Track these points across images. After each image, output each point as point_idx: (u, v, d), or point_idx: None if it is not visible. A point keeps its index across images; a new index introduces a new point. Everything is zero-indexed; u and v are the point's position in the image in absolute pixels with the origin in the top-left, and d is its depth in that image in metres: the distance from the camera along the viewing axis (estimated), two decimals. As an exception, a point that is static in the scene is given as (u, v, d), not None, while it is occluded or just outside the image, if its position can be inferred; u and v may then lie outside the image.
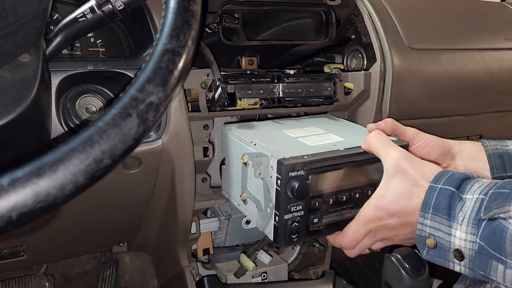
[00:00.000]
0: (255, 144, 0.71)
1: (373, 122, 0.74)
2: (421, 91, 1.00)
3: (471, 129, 1.15)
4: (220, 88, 0.79)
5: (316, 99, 0.92)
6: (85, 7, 0.60)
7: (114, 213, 0.90)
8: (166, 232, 0.96)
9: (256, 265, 0.97)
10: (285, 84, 0.87)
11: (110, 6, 0.59)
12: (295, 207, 0.64)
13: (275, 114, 1.04)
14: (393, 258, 0.61)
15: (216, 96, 0.79)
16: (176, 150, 0.79)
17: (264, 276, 1.04)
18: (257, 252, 0.99)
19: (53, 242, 0.93)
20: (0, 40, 0.51)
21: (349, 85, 0.95)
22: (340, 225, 0.68)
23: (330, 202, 0.66)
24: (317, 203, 0.65)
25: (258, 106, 0.86)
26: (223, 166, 0.84)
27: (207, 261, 1.07)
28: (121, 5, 0.59)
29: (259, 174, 0.66)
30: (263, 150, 0.68)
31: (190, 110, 0.81)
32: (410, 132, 0.73)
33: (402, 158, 0.61)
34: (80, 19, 0.61)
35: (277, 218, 0.65)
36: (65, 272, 1.29)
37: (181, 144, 0.79)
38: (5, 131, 0.52)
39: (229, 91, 0.82)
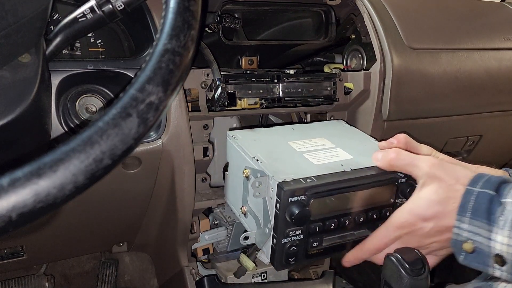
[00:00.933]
0: (257, 160, 0.67)
1: (384, 140, 0.70)
2: (420, 90, 1.00)
3: (470, 129, 1.15)
4: (220, 88, 0.79)
5: (316, 99, 0.92)
6: (85, 7, 0.60)
7: (114, 213, 0.90)
8: (166, 232, 0.96)
9: (256, 265, 0.97)
10: (285, 84, 0.87)
11: (110, 6, 0.59)
12: (294, 231, 0.61)
13: (275, 114, 1.05)
14: (392, 258, 0.61)
15: (216, 96, 0.79)
16: (176, 150, 0.79)
17: (264, 276, 1.04)
18: (257, 252, 0.98)
19: (53, 242, 0.93)
20: (0, 40, 0.51)
21: (349, 85, 0.95)
22: (341, 248, 0.66)
23: (332, 226, 0.63)
24: (317, 227, 0.62)
25: (258, 106, 0.86)
26: (226, 173, 0.81)
27: (207, 261, 1.07)
28: (121, 5, 0.59)
29: (259, 194, 0.63)
30: (264, 169, 0.64)
31: (190, 110, 0.81)
32: (424, 151, 0.68)
33: (434, 168, 0.60)
34: (80, 19, 0.61)
35: (274, 240, 0.62)
36: (65, 272, 1.29)
37: (181, 144, 0.79)
38: (5, 131, 0.52)
39: (229, 91, 0.82)
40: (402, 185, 0.65)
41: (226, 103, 0.80)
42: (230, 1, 0.86)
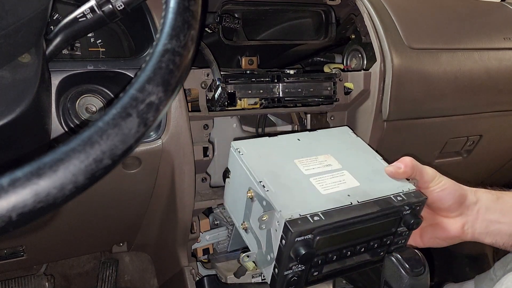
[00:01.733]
0: (263, 186, 0.65)
1: (390, 164, 0.70)
2: (420, 90, 1.00)
3: (470, 129, 1.15)
4: (220, 88, 0.79)
5: (316, 99, 0.92)
6: (85, 7, 0.60)
7: (114, 213, 0.90)
8: (166, 232, 0.96)
9: (256, 265, 0.97)
10: (285, 84, 0.87)
11: (110, 6, 0.59)
12: (297, 266, 0.61)
13: (275, 114, 1.04)
14: (393, 258, 0.61)
15: (216, 96, 0.79)
16: (176, 150, 0.79)
17: (264, 276, 1.04)
18: (257, 252, 0.98)
19: (53, 242, 0.93)
20: (0, 40, 0.51)
21: (349, 85, 0.95)
22: (340, 273, 0.66)
23: (334, 258, 0.64)
24: (320, 260, 0.62)
25: (258, 106, 0.86)
26: (228, 179, 0.78)
27: (207, 261, 1.07)
28: (121, 5, 0.59)
29: (264, 226, 0.62)
30: (272, 201, 0.62)
31: (190, 110, 0.81)
32: (429, 173, 0.68)
33: None
34: (80, 19, 0.61)
35: (276, 270, 0.62)
36: (65, 272, 1.29)
37: (181, 144, 0.79)
38: (5, 131, 0.52)
39: (229, 91, 0.82)
40: (406, 216, 0.65)
41: (226, 103, 0.80)
42: (230, 1, 0.86)
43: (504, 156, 1.33)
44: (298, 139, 0.78)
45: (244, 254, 0.68)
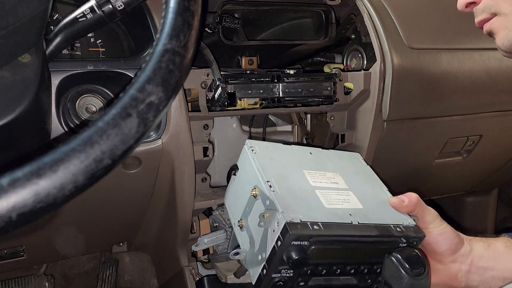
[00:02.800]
0: (270, 186, 0.65)
1: (395, 196, 0.70)
2: (420, 90, 1.00)
3: (471, 129, 1.15)
4: (220, 88, 0.79)
5: (316, 99, 0.92)
6: (85, 7, 0.60)
7: (114, 213, 0.90)
8: (166, 232, 0.96)
9: (244, 264, 0.96)
10: (285, 84, 0.87)
11: (110, 6, 0.59)
12: (286, 270, 0.61)
13: (275, 114, 1.04)
14: (393, 258, 0.61)
15: (216, 96, 0.79)
16: (176, 150, 0.79)
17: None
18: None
19: (53, 242, 0.93)
20: (0, 41, 0.51)
21: (349, 85, 0.95)
22: None
23: (323, 272, 0.64)
24: (309, 270, 0.62)
25: (258, 106, 0.86)
26: (233, 176, 0.77)
27: (207, 260, 1.07)
28: (121, 5, 0.59)
29: (263, 224, 0.62)
30: (275, 200, 0.62)
31: (190, 110, 0.81)
32: (431, 215, 0.68)
33: None
34: (80, 19, 0.61)
35: (264, 271, 0.62)
36: (65, 272, 1.29)
37: (181, 144, 0.79)
38: (5, 131, 0.52)
39: (229, 91, 0.82)
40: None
41: (226, 103, 0.80)
42: (230, 1, 0.86)
43: (504, 156, 1.33)
44: (311, 153, 0.79)
45: (234, 251, 0.68)
